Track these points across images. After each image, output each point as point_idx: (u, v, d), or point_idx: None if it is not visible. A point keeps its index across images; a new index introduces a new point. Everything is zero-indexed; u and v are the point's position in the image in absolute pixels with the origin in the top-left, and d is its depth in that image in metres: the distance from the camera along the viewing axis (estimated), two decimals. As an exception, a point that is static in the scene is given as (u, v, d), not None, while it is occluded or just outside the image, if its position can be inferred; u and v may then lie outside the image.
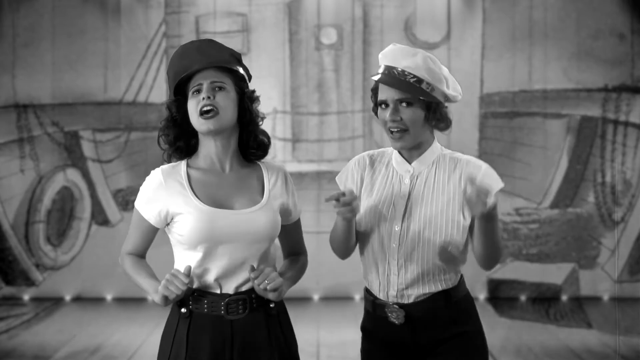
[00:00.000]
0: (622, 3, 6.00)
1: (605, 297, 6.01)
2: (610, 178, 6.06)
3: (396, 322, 2.03)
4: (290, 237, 2.11)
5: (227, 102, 1.95)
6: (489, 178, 2.00)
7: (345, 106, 6.09)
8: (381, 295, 2.06)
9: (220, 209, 1.94)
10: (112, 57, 6.09)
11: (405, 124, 1.98)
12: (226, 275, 1.94)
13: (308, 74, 6.10)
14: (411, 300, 2.03)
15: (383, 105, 2.01)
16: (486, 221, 1.94)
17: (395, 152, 2.09)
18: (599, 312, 5.71)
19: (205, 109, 1.91)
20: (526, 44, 6.05)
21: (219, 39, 2.18)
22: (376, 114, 2.08)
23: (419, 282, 2.03)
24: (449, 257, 2.05)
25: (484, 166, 2.05)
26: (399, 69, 1.98)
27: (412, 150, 2.05)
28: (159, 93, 6.11)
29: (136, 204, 2.06)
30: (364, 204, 2.06)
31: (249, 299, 1.95)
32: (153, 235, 2.06)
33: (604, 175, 6.07)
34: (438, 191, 2.03)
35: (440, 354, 2.04)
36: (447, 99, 2.04)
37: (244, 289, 1.95)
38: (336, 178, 2.18)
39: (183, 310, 1.97)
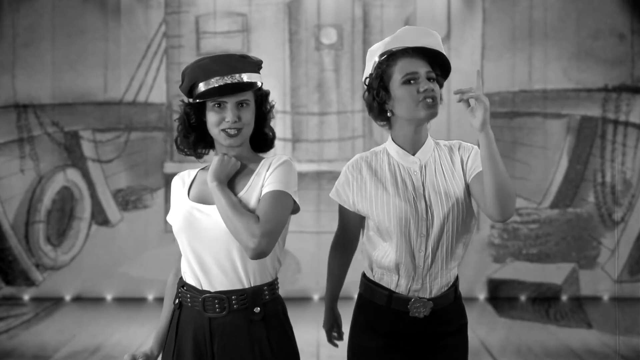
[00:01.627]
0: (622, 3, 6.01)
1: (605, 297, 6.01)
2: (610, 178, 6.06)
3: (420, 315, 2.03)
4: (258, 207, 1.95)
5: (249, 117, 1.99)
6: (476, 157, 2.08)
7: (345, 106, 6.09)
8: (400, 290, 2.05)
9: (198, 203, 1.97)
10: (112, 57, 6.10)
11: (435, 94, 2.01)
12: (205, 273, 1.96)
13: (308, 74, 6.10)
14: (433, 294, 2.05)
15: (409, 80, 2.00)
16: (490, 141, 1.92)
17: (392, 145, 2.09)
18: (599, 312, 5.71)
19: (232, 132, 1.96)
20: (526, 44, 6.05)
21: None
22: (380, 103, 2.05)
23: (442, 272, 2.04)
24: (467, 239, 2.08)
25: (475, 147, 2.12)
26: (419, 47, 2.01)
27: (415, 142, 2.07)
28: (159, 93, 6.12)
29: (168, 218, 2.07)
30: (385, 201, 2.04)
31: (228, 299, 1.94)
32: None
33: (604, 175, 6.07)
34: (450, 176, 2.06)
35: (447, 347, 2.08)
36: None
37: (222, 288, 1.95)
38: (330, 195, 2.14)
39: (176, 301, 2.03)
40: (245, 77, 1.97)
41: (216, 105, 1.97)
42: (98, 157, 6.15)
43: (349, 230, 2.19)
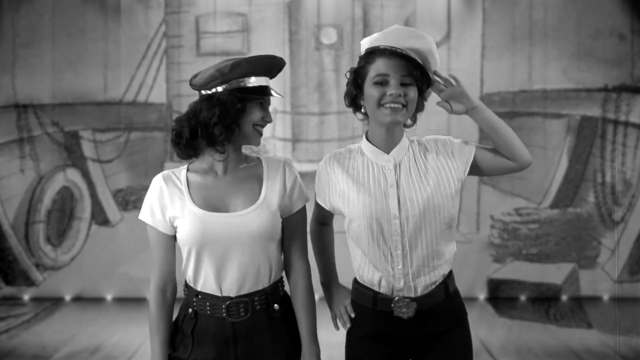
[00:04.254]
0: (622, 3, 6.00)
1: (605, 297, 6.01)
2: (610, 178, 6.06)
3: (404, 316, 2.01)
4: (288, 233, 2.04)
5: None
6: (464, 142, 2.08)
7: (345, 106, 6.08)
8: (384, 290, 2.04)
9: (214, 212, 1.94)
10: (112, 57, 6.09)
11: (406, 100, 1.96)
12: (226, 278, 1.94)
13: (308, 74, 6.10)
14: (418, 292, 2.02)
15: (380, 82, 1.97)
16: (482, 112, 2.00)
17: (366, 143, 2.07)
18: (599, 312, 5.71)
19: (262, 130, 2.04)
20: (526, 44, 6.05)
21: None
22: (352, 98, 2.07)
23: (425, 270, 2.02)
24: (449, 236, 2.07)
25: (450, 137, 2.11)
26: (403, 49, 1.95)
27: (388, 141, 2.04)
28: (159, 93, 6.12)
29: (142, 217, 2.01)
30: (355, 199, 2.03)
31: (251, 302, 1.94)
32: (172, 246, 2.01)
33: (604, 175, 6.07)
34: (424, 173, 2.03)
35: (441, 345, 2.06)
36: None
37: (245, 291, 1.95)
38: (316, 198, 2.16)
39: (189, 310, 1.99)
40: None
41: (260, 103, 2.02)
42: (98, 157, 6.15)
43: (325, 223, 2.25)
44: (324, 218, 2.23)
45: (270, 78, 2.03)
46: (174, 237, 2.01)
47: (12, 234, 6.12)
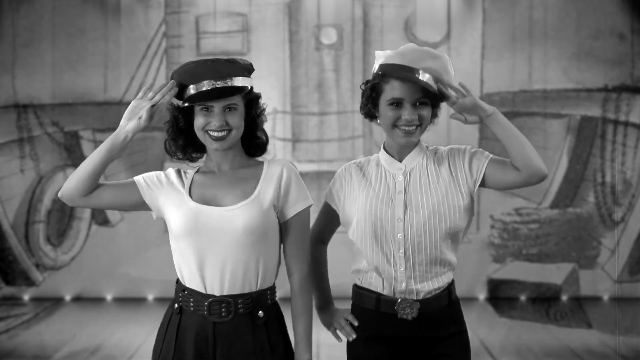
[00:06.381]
0: (622, 3, 6.01)
1: (605, 297, 6.01)
2: (610, 178, 6.06)
3: (408, 317, 2.04)
4: (288, 236, 2.04)
5: (237, 121, 1.98)
6: (477, 153, 2.09)
7: (345, 106, 6.09)
8: (387, 292, 2.07)
9: (205, 205, 1.96)
10: (112, 57, 6.09)
11: (419, 121, 2.03)
12: (207, 273, 1.95)
13: (308, 74, 6.10)
14: (420, 296, 2.05)
15: (395, 104, 2.02)
16: (499, 121, 2.00)
17: (383, 153, 2.13)
18: (599, 312, 5.72)
19: (219, 135, 1.95)
20: (526, 44, 6.05)
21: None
22: (368, 111, 2.10)
23: (428, 276, 2.06)
24: (454, 246, 2.10)
25: (467, 147, 2.13)
26: (419, 70, 1.99)
27: (401, 149, 2.10)
28: (159, 93, 6.11)
29: (136, 177, 2.12)
30: (363, 202, 2.08)
31: (234, 303, 1.94)
32: (127, 194, 2.10)
33: (604, 175, 6.07)
34: (434, 182, 2.07)
35: (442, 353, 2.08)
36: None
37: (229, 292, 1.95)
38: (325, 198, 2.21)
39: (175, 306, 2.01)
40: (234, 82, 1.96)
41: (204, 109, 1.97)
42: (98, 157, 6.14)
43: (326, 231, 2.27)
44: (325, 233, 2.26)
45: (219, 79, 1.95)
46: (134, 199, 2.06)
47: (12, 234, 6.12)
